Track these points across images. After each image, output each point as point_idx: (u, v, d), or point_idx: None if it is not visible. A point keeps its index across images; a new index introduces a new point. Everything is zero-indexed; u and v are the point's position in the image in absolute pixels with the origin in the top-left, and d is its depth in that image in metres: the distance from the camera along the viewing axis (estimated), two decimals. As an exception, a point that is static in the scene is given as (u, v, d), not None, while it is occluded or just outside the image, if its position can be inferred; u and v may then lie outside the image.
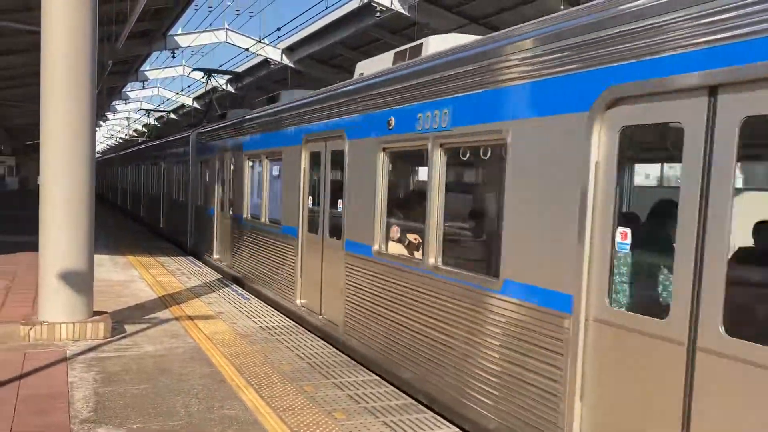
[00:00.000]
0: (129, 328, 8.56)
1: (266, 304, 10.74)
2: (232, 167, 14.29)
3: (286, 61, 29.07)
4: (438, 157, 6.44)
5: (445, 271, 6.22)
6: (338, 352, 7.87)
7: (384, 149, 7.51)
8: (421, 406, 6.09)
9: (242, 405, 5.87)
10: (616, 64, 4.39)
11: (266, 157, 11.93)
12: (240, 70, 34.98)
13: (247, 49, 29.47)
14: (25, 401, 5.76)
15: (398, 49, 8.41)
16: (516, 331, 5.20)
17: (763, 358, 3.40)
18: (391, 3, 19.96)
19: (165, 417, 5.51)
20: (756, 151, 3.98)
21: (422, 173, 6.94)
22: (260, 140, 12.40)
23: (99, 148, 79.47)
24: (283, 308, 10.48)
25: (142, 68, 35.98)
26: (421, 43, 7.85)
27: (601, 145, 4.55)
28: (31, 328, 7.71)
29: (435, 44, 7.66)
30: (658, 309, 4.25)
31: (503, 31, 5.95)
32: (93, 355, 7.28)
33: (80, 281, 8.00)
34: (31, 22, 19.26)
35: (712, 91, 3.80)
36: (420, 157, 6.95)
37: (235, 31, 29.47)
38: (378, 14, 20.43)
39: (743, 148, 3.69)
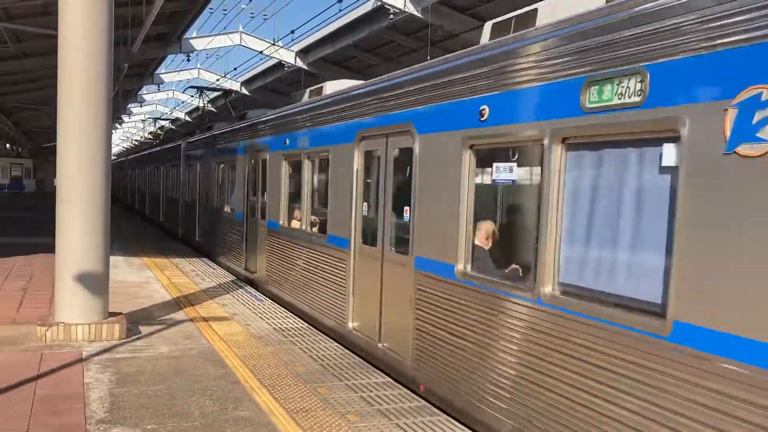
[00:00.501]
0: (144, 329, 8.62)
1: (227, 271, 14.72)
2: (207, 170, 18.61)
3: (299, 63, 29.15)
4: (307, 164, 10.53)
5: (310, 233, 10.35)
6: (351, 353, 7.89)
7: (285, 158, 11.54)
8: (434, 409, 6.09)
9: (256, 406, 5.89)
10: (360, 119, 8.49)
11: (226, 163, 16.20)
12: (253, 73, 35.14)
13: (261, 52, 29.60)
14: (42, 401, 5.82)
15: (311, 88, 12.06)
16: (331, 261, 9.17)
17: (401, 259, 7.28)
18: (405, 5, 19.93)
19: (179, 418, 5.55)
20: (400, 164, 7.57)
21: (302, 174, 10.73)
22: (222, 151, 16.71)
23: (114, 150, 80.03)
24: (235, 272, 14.46)
25: (157, 71, 36.22)
26: (323, 86, 11.40)
27: (358, 160, 8.52)
28: (47, 329, 7.78)
29: (331, 87, 11.01)
30: (375, 242, 8.03)
31: (339, 90, 9.99)
32: (108, 356, 7.34)
33: (96, 282, 8.06)
34: (48, 25, 19.46)
35: (387, 136, 7.79)
36: (300, 164, 10.81)
37: (249, 34, 29.59)
38: (391, 16, 20.42)
39: (396, 163, 7.65)
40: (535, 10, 6.13)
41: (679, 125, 3.98)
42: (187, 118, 53.23)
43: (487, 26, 6.75)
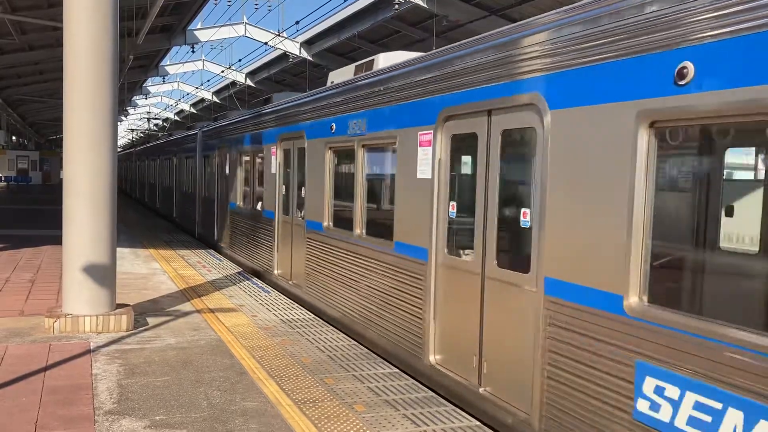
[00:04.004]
0: (151, 320, 8.65)
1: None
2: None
3: (304, 54, 29.08)
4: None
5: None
6: (358, 344, 7.90)
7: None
8: (441, 399, 6.09)
9: (263, 397, 5.91)
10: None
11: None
12: (257, 64, 35.06)
13: (266, 43, 29.54)
14: (50, 393, 5.85)
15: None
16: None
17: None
18: (410, -5, 19.84)
19: (187, 409, 5.57)
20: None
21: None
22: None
23: (120, 142, 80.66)
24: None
25: (162, 63, 36.18)
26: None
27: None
28: (55, 321, 7.81)
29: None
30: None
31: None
32: (116, 347, 7.37)
33: (103, 274, 8.09)
34: (53, 17, 19.46)
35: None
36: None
37: (254, 26, 29.54)
38: (396, 6, 20.34)
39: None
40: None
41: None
42: (192, 110, 53.26)
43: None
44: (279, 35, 28.38)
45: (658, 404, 3.98)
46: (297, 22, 25.19)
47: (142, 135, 71.83)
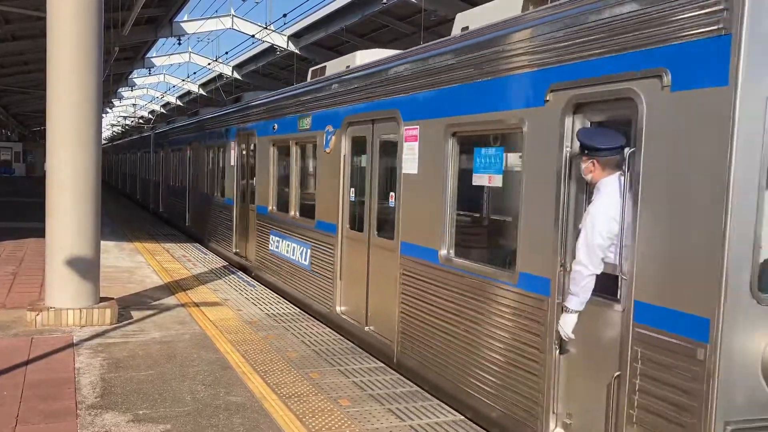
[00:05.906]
0: (135, 314, 8.59)
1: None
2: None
3: (292, 47, 28.94)
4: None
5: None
6: (342, 338, 7.89)
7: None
8: (426, 394, 6.10)
9: (248, 392, 5.89)
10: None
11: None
12: (244, 57, 34.94)
13: (253, 36, 29.33)
14: (32, 387, 5.80)
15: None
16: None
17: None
18: (398, -11, 19.76)
19: (171, 403, 5.54)
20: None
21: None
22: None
23: (105, 134, 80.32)
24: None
25: (148, 55, 35.88)
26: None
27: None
28: (38, 314, 7.74)
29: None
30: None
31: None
32: (100, 341, 7.31)
33: (87, 267, 8.01)
34: (37, 7, 19.20)
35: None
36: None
37: (241, 18, 29.30)
38: (384, 1, 20.28)
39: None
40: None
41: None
42: (178, 102, 52.96)
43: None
44: (266, 28, 28.18)
45: (274, 243, 10.65)
46: (284, 15, 24.97)
47: (127, 127, 72.23)
